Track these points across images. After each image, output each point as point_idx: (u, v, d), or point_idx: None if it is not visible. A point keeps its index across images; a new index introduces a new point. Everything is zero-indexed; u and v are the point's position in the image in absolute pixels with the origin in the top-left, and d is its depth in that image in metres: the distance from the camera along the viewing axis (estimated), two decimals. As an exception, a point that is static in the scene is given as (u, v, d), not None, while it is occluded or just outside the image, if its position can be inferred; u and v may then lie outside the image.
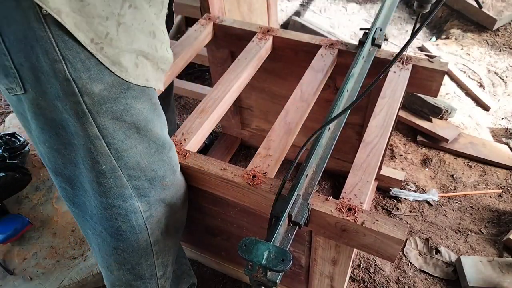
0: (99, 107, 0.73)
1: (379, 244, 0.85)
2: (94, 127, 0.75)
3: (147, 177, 0.88)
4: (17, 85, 0.70)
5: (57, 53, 0.65)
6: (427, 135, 2.00)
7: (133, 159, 0.83)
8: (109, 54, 0.70)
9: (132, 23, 0.73)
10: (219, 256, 1.48)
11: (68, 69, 0.67)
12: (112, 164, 0.81)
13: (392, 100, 1.12)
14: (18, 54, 0.66)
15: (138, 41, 0.75)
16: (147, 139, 0.84)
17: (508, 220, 1.67)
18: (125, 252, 0.96)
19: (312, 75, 1.22)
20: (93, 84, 0.70)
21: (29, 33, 0.64)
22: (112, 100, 0.74)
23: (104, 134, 0.76)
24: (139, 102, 0.79)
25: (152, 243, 0.98)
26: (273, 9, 2.21)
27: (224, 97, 1.17)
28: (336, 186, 1.84)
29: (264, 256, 0.67)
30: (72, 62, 0.67)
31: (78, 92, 0.70)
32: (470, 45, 2.57)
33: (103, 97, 0.73)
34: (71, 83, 0.68)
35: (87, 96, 0.71)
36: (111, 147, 0.78)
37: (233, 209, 1.13)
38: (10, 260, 1.45)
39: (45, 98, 0.71)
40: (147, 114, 0.82)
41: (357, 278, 1.53)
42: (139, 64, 0.77)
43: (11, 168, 1.56)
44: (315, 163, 0.93)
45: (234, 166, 0.98)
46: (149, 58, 0.79)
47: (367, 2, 3.09)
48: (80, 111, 0.72)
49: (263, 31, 1.38)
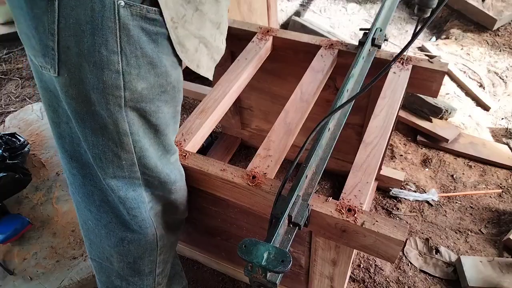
0: (135, 104, 0.75)
1: (379, 245, 0.85)
2: (125, 123, 0.76)
3: (159, 179, 0.90)
4: (51, 67, 0.70)
5: (117, 44, 0.67)
6: (427, 135, 2.00)
7: (153, 160, 0.86)
8: (179, 34, 0.74)
9: (207, 12, 0.78)
10: (219, 256, 1.48)
11: (122, 62, 0.69)
12: (132, 161, 0.83)
13: (392, 100, 1.12)
14: (69, 38, 0.66)
15: (204, 28, 0.79)
16: (159, 142, 0.86)
17: (508, 220, 1.67)
18: (131, 244, 0.97)
19: (312, 75, 1.22)
20: (139, 81, 0.73)
21: (96, 21, 0.65)
22: (148, 100, 0.77)
23: (132, 132, 0.78)
24: (167, 106, 0.82)
25: (158, 237, 0.99)
26: (273, 9, 2.21)
27: (224, 97, 1.17)
28: (336, 186, 1.84)
29: (264, 257, 0.67)
30: (128, 56, 0.69)
31: (123, 86, 0.71)
32: (470, 45, 2.57)
33: (143, 95, 0.75)
34: (119, 76, 0.70)
35: (129, 92, 0.73)
36: (136, 144, 0.81)
37: (233, 210, 1.13)
38: (10, 260, 1.45)
39: (78, 87, 0.71)
40: (169, 118, 0.85)
41: (357, 278, 1.53)
42: (198, 49, 0.81)
43: (11, 169, 1.56)
44: (315, 163, 0.93)
45: (234, 166, 0.98)
46: (207, 46, 0.83)
47: (367, 2, 3.09)
48: (117, 105, 0.73)
49: (263, 31, 1.38)
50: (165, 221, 1.01)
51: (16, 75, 2.57)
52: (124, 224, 0.93)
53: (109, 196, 0.89)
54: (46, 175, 1.72)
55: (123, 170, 0.84)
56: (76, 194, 0.95)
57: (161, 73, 0.76)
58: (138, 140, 0.80)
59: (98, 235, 0.98)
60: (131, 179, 0.87)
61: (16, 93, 2.44)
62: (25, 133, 1.90)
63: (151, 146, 0.84)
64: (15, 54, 2.74)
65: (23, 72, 2.59)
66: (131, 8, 0.66)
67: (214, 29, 0.83)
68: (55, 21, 0.65)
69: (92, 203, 0.93)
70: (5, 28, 2.85)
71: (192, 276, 1.56)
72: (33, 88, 2.47)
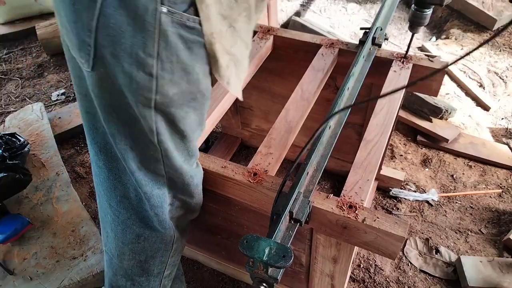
0: (165, 108, 0.76)
1: (380, 242, 0.85)
2: (153, 122, 0.77)
3: (183, 181, 0.92)
4: (86, 62, 0.71)
5: (155, 49, 0.68)
6: (427, 135, 2.00)
7: (179, 162, 0.87)
8: (215, 48, 0.75)
9: (239, 30, 0.79)
10: (219, 255, 1.48)
11: (157, 66, 0.70)
12: (158, 158, 0.84)
13: (393, 99, 1.12)
14: (107, 36, 0.67)
15: (236, 47, 0.81)
16: (185, 147, 0.87)
17: (508, 220, 1.67)
18: (146, 241, 0.98)
19: (312, 74, 1.22)
20: (171, 86, 0.74)
21: (137, 23, 0.66)
22: (178, 105, 0.78)
23: (159, 132, 0.79)
24: (195, 113, 0.83)
25: (175, 239, 1.01)
26: (273, 9, 2.21)
27: (224, 97, 1.17)
28: (336, 186, 1.84)
29: (265, 253, 0.66)
30: (164, 61, 0.70)
31: (155, 89, 0.72)
32: (470, 45, 2.57)
33: (173, 100, 0.76)
34: (152, 80, 0.71)
35: (160, 95, 0.74)
36: (161, 145, 0.82)
37: (234, 207, 1.13)
38: (10, 260, 1.45)
39: (111, 83, 0.73)
40: (195, 125, 0.86)
41: (357, 278, 1.53)
42: (229, 66, 0.82)
43: (11, 169, 1.56)
44: (316, 161, 0.93)
45: (235, 164, 0.98)
46: (236, 65, 0.84)
47: (367, 2, 3.10)
48: (147, 105, 0.74)
49: (263, 30, 1.38)
50: (181, 225, 1.03)
51: (16, 75, 2.57)
52: (143, 221, 0.95)
53: (131, 192, 0.91)
54: (46, 175, 1.72)
55: (150, 164, 0.85)
56: (100, 186, 0.96)
57: (193, 80, 0.77)
58: (163, 141, 0.82)
59: (114, 231, 0.99)
60: (157, 176, 0.88)
61: (16, 93, 2.44)
62: (25, 133, 1.90)
63: (176, 149, 0.86)
64: (15, 54, 2.74)
65: (23, 72, 2.59)
66: (172, 16, 0.67)
67: (244, 48, 0.84)
68: (94, 19, 0.66)
69: (113, 197, 0.94)
70: (5, 28, 2.85)
71: (192, 276, 1.55)
72: (33, 88, 2.47)
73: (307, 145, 0.83)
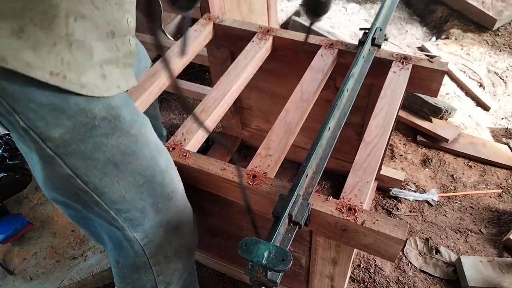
0: (65, 149, 0.72)
1: (379, 244, 0.85)
2: (65, 168, 0.73)
3: (137, 208, 0.85)
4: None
5: (6, 107, 0.65)
6: (427, 135, 2.00)
7: (117, 194, 0.80)
8: (73, 79, 0.67)
9: (85, 36, 0.68)
10: (219, 256, 1.48)
11: (22, 120, 0.67)
12: (95, 199, 0.79)
13: (392, 100, 1.12)
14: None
15: (96, 50, 0.70)
16: (131, 172, 0.80)
17: (508, 220, 1.67)
18: (124, 268, 0.96)
19: (312, 75, 1.22)
20: (52, 130, 0.69)
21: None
22: (78, 140, 0.72)
23: (78, 174, 0.75)
24: (112, 138, 0.75)
25: (152, 264, 0.95)
26: (273, 9, 2.21)
27: (224, 97, 1.17)
28: (336, 186, 1.84)
29: (265, 256, 0.66)
30: (24, 113, 0.66)
31: (39, 138, 0.69)
32: (470, 45, 2.57)
33: (66, 140, 0.71)
34: (29, 132, 0.69)
35: (49, 141, 0.70)
36: (89, 185, 0.77)
37: (233, 209, 1.13)
38: (10, 260, 1.45)
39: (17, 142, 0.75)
40: (126, 147, 0.78)
41: (357, 278, 1.53)
42: (106, 73, 0.73)
43: (11, 169, 1.56)
44: (315, 163, 0.93)
45: (235, 166, 0.98)
46: (113, 61, 0.75)
47: (367, 2, 3.09)
48: (47, 155, 0.72)
49: (263, 31, 1.38)
50: (169, 249, 0.97)
51: (16, 75, 2.57)
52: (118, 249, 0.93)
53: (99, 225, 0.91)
54: (46, 175, 1.72)
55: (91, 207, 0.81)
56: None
57: (72, 114, 0.70)
58: (89, 181, 0.76)
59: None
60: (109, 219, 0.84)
61: (16, 93, 2.43)
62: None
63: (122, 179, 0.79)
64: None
65: (23, 72, 2.58)
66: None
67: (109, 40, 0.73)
68: None
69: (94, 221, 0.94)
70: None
71: (192, 276, 1.56)
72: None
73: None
